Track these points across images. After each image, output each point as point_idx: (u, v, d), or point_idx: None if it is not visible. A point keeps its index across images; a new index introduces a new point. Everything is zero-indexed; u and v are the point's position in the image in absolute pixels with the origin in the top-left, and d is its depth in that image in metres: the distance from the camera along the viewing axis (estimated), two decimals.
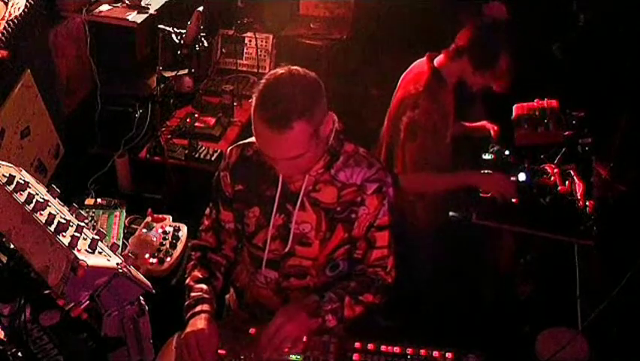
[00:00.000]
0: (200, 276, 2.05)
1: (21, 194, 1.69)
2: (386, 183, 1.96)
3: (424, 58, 2.82)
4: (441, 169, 2.85)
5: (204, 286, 2.02)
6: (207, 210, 2.18)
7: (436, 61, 2.78)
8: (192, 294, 2.00)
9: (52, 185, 1.83)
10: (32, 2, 2.72)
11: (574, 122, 2.95)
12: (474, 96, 3.05)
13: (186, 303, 1.99)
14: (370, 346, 1.96)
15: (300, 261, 2.04)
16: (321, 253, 2.01)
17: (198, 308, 1.95)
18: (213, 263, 2.12)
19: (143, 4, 3.26)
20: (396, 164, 2.78)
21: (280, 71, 1.78)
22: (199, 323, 1.91)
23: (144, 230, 2.62)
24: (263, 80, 1.78)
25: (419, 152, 2.71)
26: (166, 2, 3.36)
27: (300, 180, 1.94)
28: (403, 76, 2.89)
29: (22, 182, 1.73)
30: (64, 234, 1.58)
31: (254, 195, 2.02)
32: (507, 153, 2.98)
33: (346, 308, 1.95)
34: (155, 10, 3.27)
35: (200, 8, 3.24)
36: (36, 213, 1.63)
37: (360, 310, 1.99)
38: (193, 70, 3.63)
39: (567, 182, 2.79)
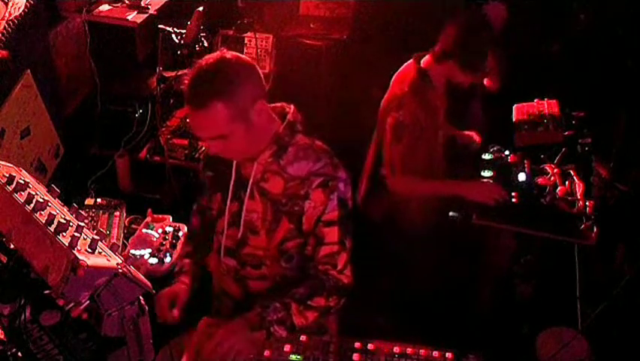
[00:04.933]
0: (186, 251, 2.27)
1: (21, 194, 1.69)
2: (334, 178, 1.93)
3: (411, 59, 2.82)
4: (434, 171, 2.85)
5: (186, 260, 2.21)
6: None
7: (423, 61, 2.78)
8: (177, 268, 2.22)
9: (52, 185, 1.83)
10: (32, 2, 2.72)
11: (574, 122, 2.95)
12: (470, 96, 3.06)
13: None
14: (370, 346, 1.96)
15: (254, 250, 2.05)
16: (270, 243, 2.02)
17: (177, 278, 2.16)
18: (197, 241, 2.27)
19: (143, 4, 3.27)
20: (384, 165, 2.80)
21: (213, 55, 1.85)
22: (174, 287, 2.12)
23: (144, 230, 2.62)
24: (196, 63, 1.86)
25: (406, 154, 2.71)
26: (166, 2, 3.36)
27: (251, 168, 1.98)
28: (393, 77, 2.90)
29: (23, 182, 1.72)
30: (64, 234, 1.58)
31: (219, 181, 2.09)
32: (507, 153, 2.98)
33: (295, 316, 1.91)
34: (155, 10, 3.27)
35: (200, 8, 3.24)
36: (36, 213, 1.63)
37: (314, 316, 1.96)
38: None
39: (567, 182, 2.79)
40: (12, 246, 1.67)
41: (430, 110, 2.75)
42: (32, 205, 1.64)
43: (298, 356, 1.93)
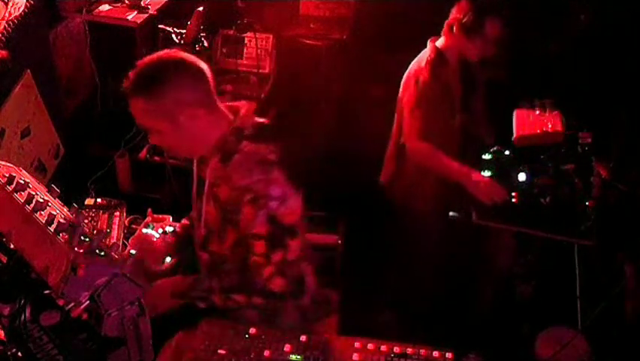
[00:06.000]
0: (183, 223, 2.40)
1: (21, 194, 1.69)
2: (264, 196, 1.92)
3: (429, 43, 3.00)
4: (446, 152, 2.90)
5: (179, 224, 2.37)
6: None
7: (438, 42, 2.98)
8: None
9: (52, 185, 1.83)
10: (32, 2, 2.72)
11: (574, 122, 2.95)
12: (476, 86, 3.08)
13: None
14: (370, 346, 1.96)
15: (217, 248, 2.09)
16: (222, 246, 2.06)
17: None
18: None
19: (143, 4, 3.27)
20: (404, 134, 2.96)
21: (161, 52, 1.94)
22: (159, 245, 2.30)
23: (144, 230, 2.61)
24: None
25: (425, 118, 2.86)
26: (166, 2, 3.36)
27: (206, 171, 2.03)
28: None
29: (23, 182, 1.73)
30: (64, 234, 1.58)
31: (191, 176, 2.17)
32: (507, 153, 2.98)
33: (216, 298, 2.06)
34: (155, 10, 3.27)
35: (200, 8, 3.24)
36: (36, 213, 1.63)
37: (235, 305, 2.06)
38: None
39: (567, 182, 2.79)
40: (12, 246, 1.68)
41: (444, 87, 2.93)
42: (32, 205, 1.64)
43: (298, 356, 1.93)
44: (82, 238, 1.59)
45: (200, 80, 1.91)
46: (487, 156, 2.99)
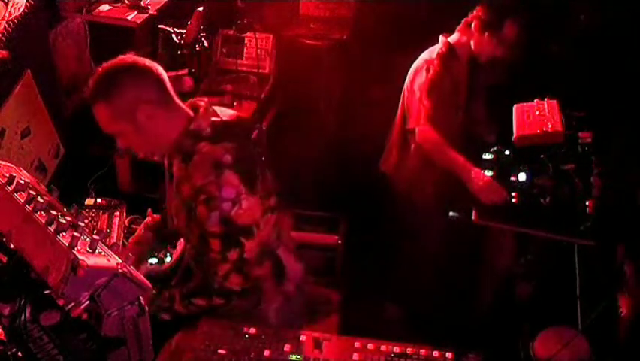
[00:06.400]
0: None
1: (21, 194, 1.69)
2: (216, 198, 1.98)
3: (441, 38, 3.05)
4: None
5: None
6: None
7: (452, 38, 3.03)
8: None
9: (52, 185, 1.83)
10: (32, 2, 2.72)
11: (574, 122, 2.95)
12: (479, 87, 3.09)
13: None
14: (370, 346, 1.96)
15: (191, 241, 2.16)
16: (193, 239, 2.12)
17: None
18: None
19: (143, 4, 3.27)
20: (410, 122, 3.01)
21: (117, 57, 2.01)
22: None
23: (144, 230, 2.61)
24: None
25: (434, 108, 2.91)
26: (166, 2, 3.36)
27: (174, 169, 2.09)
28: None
29: (23, 182, 1.73)
30: (64, 234, 1.58)
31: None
32: (507, 153, 2.98)
33: (177, 305, 2.12)
34: (155, 10, 3.27)
35: (200, 8, 3.24)
36: (36, 213, 1.63)
37: (196, 311, 2.11)
38: (193, 70, 3.63)
39: (567, 182, 2.79)
40: (12, 246, 1.67)
41: (453, 81, 2.99)
42: (32, 205, 1.64)
43: (298, 356, 1.93)
44: (82, 237, 1.59)
45: (154, 80, 2.01)
46: (487, 156, 2.99)
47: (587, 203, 2.70)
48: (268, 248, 2.19)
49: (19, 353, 1.75)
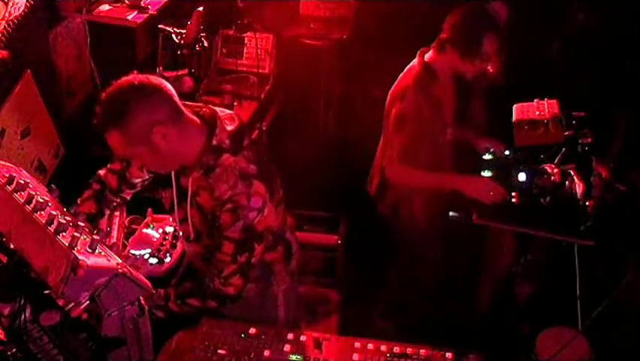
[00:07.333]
0: (88, 211, 2.32)
1: (21, 194, 1.69)
2: (244, 208, 1.99)
3: (417, 57, 2.87)
4: (437, 167, 2.85)
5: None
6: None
7: (427, 56, 2.84)
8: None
9: (53, 185, 1.83)
10: (32, 2, 2.72)
11: (574, 122, 2.94)
12: (472, 93, 3.06)
13: None
14: (370, 346, 1.96)
15: (211, 241, 2.13)
16: (215, 240, 2.10)
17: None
18: (108, 201, 2.40)
19: (143, 4, 3.26)
20: (385, 157, 2.85)
21: (120, 81, 1.94)
22: None
23: (144, 230, 2.62)
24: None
25: (406, 144, 2.75)
26: (166, 2, 3.36)
27: (187, 181, 2.08)
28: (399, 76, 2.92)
29: (23, 182, 1.73)
30: (64, 234, 1.58)
31: (166, 181, 2.20)
32: (507, 153, 2.98)
33: (172, 305, 2.12)
34: (155, 10, 3.26)
35: (200, 8, 3.24)
36: (36, 213, 1.63)
37: (190, 311, 2.13)
38: (193, 70, 3.63)
39: (567, 182, 2.79)
40: (12, 246, 1.68)
41: (433, 104, 2.80)
42: (32, 205, 1.65)
43: (298, 356, 1.93)
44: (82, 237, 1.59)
45: (165, 100, 1.94)
46: (487, 156, 2.99)
47: (587, 203, 2.70)
48: (279, 234, 2.25)
49: (19, 353, 1.75)
